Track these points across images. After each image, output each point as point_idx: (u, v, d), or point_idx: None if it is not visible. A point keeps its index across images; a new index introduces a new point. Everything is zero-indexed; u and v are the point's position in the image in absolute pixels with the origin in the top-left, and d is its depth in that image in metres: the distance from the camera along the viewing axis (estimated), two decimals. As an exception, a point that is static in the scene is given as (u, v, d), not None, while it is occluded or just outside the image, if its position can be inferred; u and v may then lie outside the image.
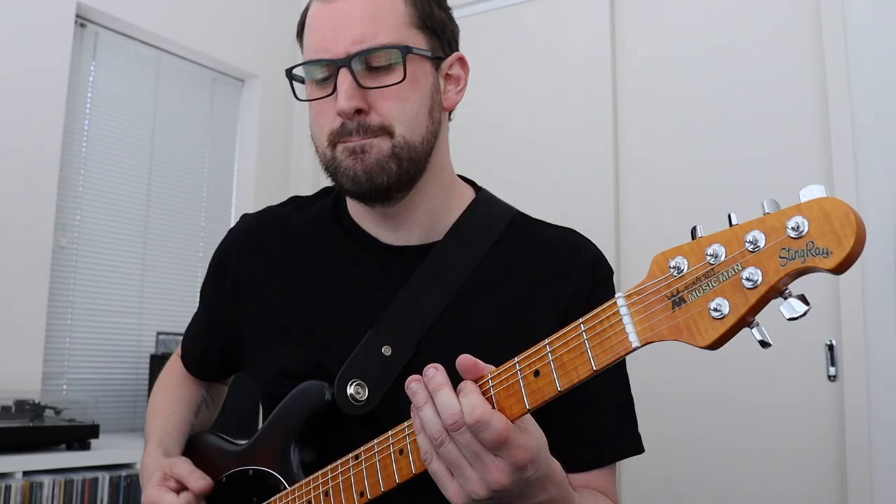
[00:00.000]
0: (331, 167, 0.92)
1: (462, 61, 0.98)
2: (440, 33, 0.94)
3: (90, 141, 2.83)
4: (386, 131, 0.89)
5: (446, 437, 0.69)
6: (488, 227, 0.98)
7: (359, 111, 0.88)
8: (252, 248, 1.06)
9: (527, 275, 0.95)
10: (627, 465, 2.52)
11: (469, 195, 1.02)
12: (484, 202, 1.02)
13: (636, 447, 0.96)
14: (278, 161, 3.36)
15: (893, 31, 2.26)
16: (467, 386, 0.70)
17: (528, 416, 0.71)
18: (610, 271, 0.99)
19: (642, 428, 0.97)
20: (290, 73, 0.95)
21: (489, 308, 0.93)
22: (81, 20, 2.80)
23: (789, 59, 2.42)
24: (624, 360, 0.96)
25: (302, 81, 0.94)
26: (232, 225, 1.12)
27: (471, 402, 0.68)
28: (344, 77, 0.87)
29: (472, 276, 0.94)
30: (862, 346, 2.18)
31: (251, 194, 3.29)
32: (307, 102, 0.94)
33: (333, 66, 0.88)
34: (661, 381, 2.46)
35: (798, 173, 2.35)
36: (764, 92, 2.44)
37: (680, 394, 2.45)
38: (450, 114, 1.02)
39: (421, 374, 0.73)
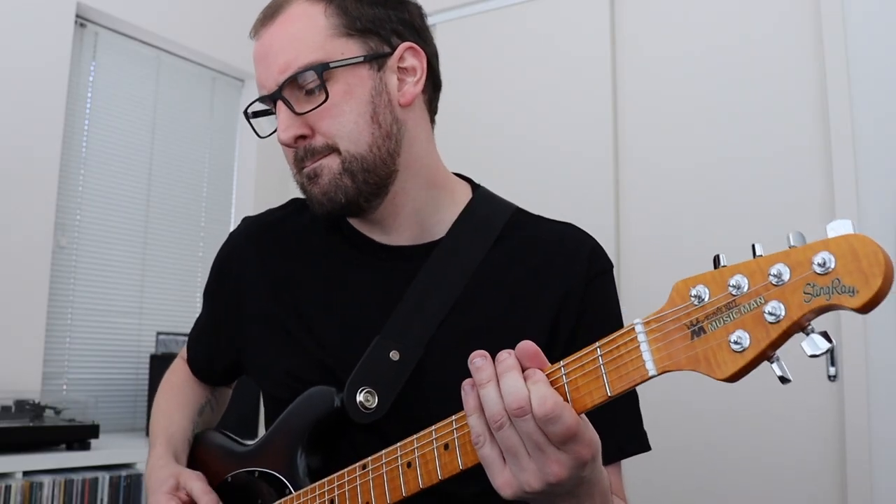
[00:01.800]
0: (302, 193, 0.96)
1: (413, 50, 0.94)
2: (377, 30, 0.92)
3: (90, 141, 2.83)
4: (332, 149, 0.90)
5: (507, 421, 0.65)
6: (488, 225, 0.98)
7: (303, 137, 0.90)
8: (253, 250, 1.06)
9: (527, 271, 0.95)
10: (625, 463, 2.51)
11: (465, 193, 1.02)
12: (482, 199, 1.01)
13: (641, 445, 0.96)
14: (278, 161, 3.34)
15: (893, 31, 2.26)
16: (536, 374, 0.66)
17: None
18: (609, 265, 0.99)
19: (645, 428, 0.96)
20: (247, 115, 0.98)
21: (493, 306, 0.93)
22: (81, 20, 2.80)
23: (789, 59, 2.42)
24: None
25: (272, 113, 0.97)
26: (232, 225, 1.13)
27: (541, 391, 0.64)
28: (280, 109, 0.90)
29: (475, 275, 0.94)
30: (862, 346, 2.18)
31: (251, 194, 3.28)
32: None
33: (271, 100, 0.91)
34: (661, 381, 2.46)
35: (798, 173, 2.35)
36: (764, 92, 2.44)
37: (680, 394, 2.45)
38: (432, 113, 1.00)
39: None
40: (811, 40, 2.39)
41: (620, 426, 0.94)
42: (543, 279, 0.94)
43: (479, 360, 0.68)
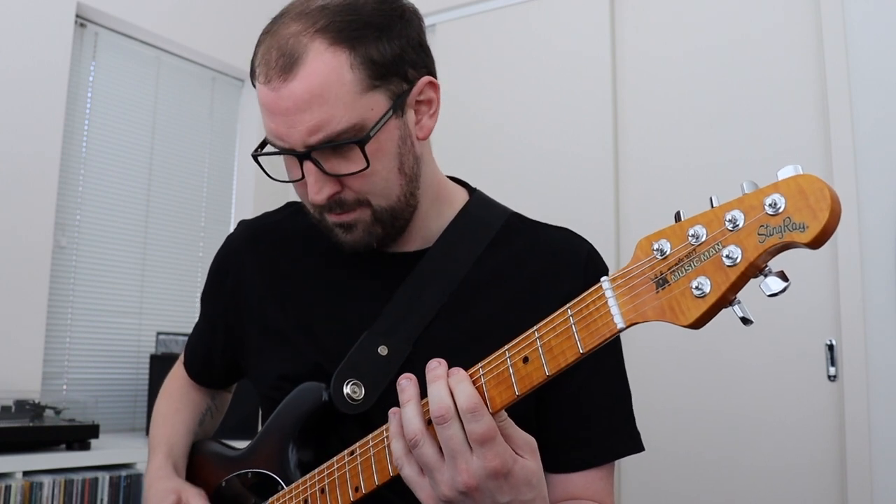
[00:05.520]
0: (323, 228, 0.93)
1: (432, 84, 0.91)
2: (397, 70, 0.86)
3: (90, 141, 2.83)
4: (362, 203, 0.88)
5: (421, 438, 0.71)
6: (483, 229, 0.98)
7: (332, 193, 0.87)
8: (250, 254, 1.06)
9: (522, 275, 0.95)
10: (625, 464, 2.51)
11: (461, 197, 1.02)
12: (477, 204, 1.01)
13: (634, 445, 0.94)
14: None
15: (893, 30, 2.26)
16: (458, 373, 0.71)
17: (531, 446, 0.72)
18: (605, 269, 0.99)
19: (639, 428, 0.95)
20: (256, 157, 0.92)
21: (486, 308, 0.93)
22: (81, 20, 2.80)
23: (789, 59, 2.42)
24: (621, 355, 0.97)
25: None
26: (232, 226, 1.13)
27: (466, 390, 0.70)
28: (309, 170, 0.85)
29: (468, 277, 0.94)
30: (862, 346, 2.18)
31: (251, 194, 3.29)
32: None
33: (296, 158, 0.86)
34: (660, 381, 2.46)
35: (798, 173, 2.34)
36: (764, 92, 2.44)
37: (680, 394, 2.45)
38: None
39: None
40: (811, 40, 2.39)
41: (613, 427, 0.93)
42: (539, 284, 0.94)
43: (404, 381, 0.74)
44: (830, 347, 2.24)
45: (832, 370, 2.23)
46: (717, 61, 2.54)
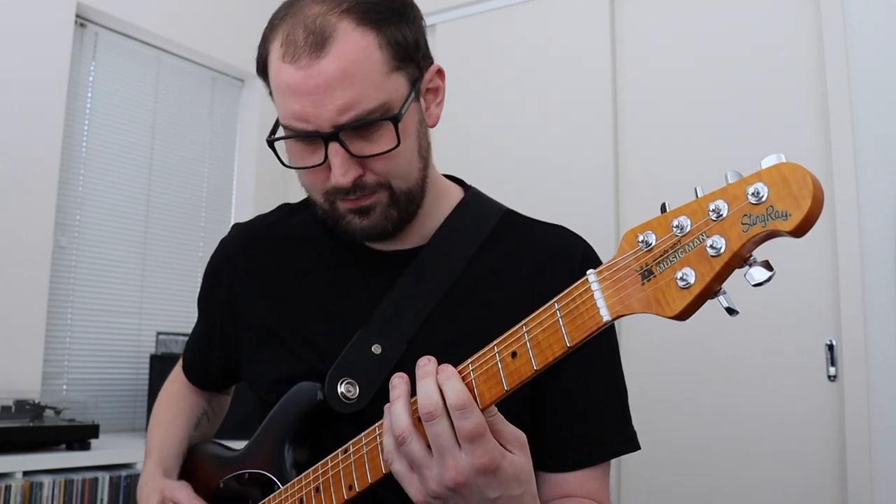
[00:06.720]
0: (330, 218, 0.91)
1: (439, 73, 0.93)
2: (413, 56, 0.87)
3: (90, 141, 2.83)
4: (382, 186, 0.88)
5: (408, 435, 0.71)
6: (477, 226, 0.98)
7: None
8: (243, 257, 1.06)
9: (517, 272, 0.95)
10: (625, 465, 2.51)
11: (457, 194, 1.02)
12: (472, 201, 1.01)
13: (630, 445, 0.93)
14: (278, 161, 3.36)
15: (894, 31, 2.26)
16: (447, 370, 0.72)
17: (520, 441, 0.72)
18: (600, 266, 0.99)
19: (640, 428, 0.95)
20: (271, 143, 0.91)
21: (480, 306, 0.93)
22: (81, 20, 2.80)
23: (789, 59, 2.42)
24: (617, 354, 0.96)
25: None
26: (231, 225, 1.12)
27: (455, 386, 0.70)
28: (335, 151, 0.83)
29: (463, 275, 0.94)
30: (862, 346, 2.18)
31: (251, 194, 3.29)
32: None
33: (321, 140, 0.84)
34: (661, 381, 2.46)
35: (798, 173, 2.34)
36: (764, 93, 2.44)
37: (680, 394, 2.45)
38: None
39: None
40: (811, 41, 2.39)
41: (608, 425, 0.93)
42: (535, 281, 0.94)
43: (396, 379, 0.75)
44: (830, 347, 2.23)
45: (832, 370, 2.23)
46: (716, 62, 2.54)
